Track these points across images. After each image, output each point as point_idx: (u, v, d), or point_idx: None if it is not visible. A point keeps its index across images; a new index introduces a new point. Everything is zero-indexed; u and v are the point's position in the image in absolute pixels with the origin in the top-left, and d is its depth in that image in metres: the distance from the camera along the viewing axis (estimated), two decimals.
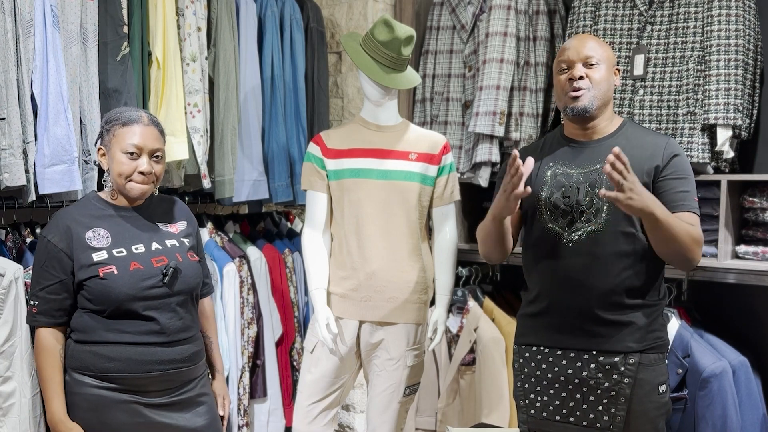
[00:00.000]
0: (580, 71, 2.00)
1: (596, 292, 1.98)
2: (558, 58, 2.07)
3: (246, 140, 2.98)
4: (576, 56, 2.01)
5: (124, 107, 2.07)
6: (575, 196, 2.01)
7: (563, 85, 2.04)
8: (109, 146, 1.98)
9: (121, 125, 1.97)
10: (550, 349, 2.07)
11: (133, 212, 2.04)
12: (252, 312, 2.93)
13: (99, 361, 1.92)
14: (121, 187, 1.99)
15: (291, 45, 3.14)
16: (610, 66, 2.04)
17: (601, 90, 2.00)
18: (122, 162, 1.95)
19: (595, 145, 2.05)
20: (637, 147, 2.00)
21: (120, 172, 1.96)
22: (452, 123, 3.17)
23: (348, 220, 2.47)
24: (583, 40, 2.04)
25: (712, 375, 2.34)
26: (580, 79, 1.99)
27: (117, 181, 1.98)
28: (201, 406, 2.06)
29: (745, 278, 2.49)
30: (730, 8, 2.51)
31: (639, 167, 1.96)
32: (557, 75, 2.06)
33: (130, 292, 1.92)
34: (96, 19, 2.43)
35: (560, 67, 2.05)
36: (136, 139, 1.96)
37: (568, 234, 2.01)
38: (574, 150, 2.07)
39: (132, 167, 1.96)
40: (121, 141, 1.96)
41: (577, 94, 1.99)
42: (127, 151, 1.95)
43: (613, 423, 1.98)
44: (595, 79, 2.00)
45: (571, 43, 2.06)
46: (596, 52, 2.01)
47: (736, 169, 2.70)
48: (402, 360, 2.47)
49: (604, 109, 2.04)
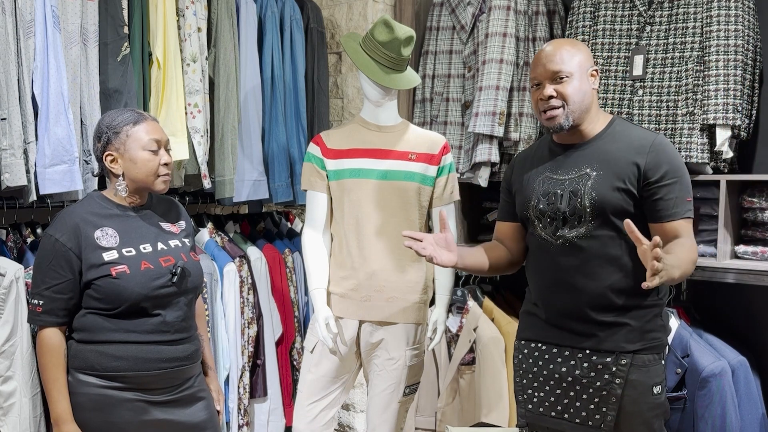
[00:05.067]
0: (549, 90, 1.96)
1: (586, 296, 1.98)
2: (530, 73, 2.05)
3: (246, 140, 2.98)
4: (543, 74, 1.98)
5: (116, 111, 2.03)
6: (558, 204, 2.01)
7: (536, 103, 2.03)
8: (124, 149, 1.96)
9: (133, 124, 1.97)
10: (547, 345, 2.09)
11: (137, 212, 2.05)
12: (252, 312, 2.93)
13: (105, 360, 1.92)
14: (150, 185, 2.00)
15: (291, 45, 3.14)
16: (583, 72, 1.98)
17: (575, 103, 1.97)
18: (148, 159, 1.97)
19: (582, 148, 2.04)
20: (624, 147, 1.98)
21: (148, 170, 1.97)
22: (452, 123, 3.18)
23: (348, 220, 2.47)
24: (552, 53, 1.99)
25: (711, 375, 2.34)
26: (550, 98, 1.97)
27: (146, 180, 1.98)
28: (200, 402, 2.09)
29: (744, 278, 2.49)
30: (729, 9, 2.51)
31: (624, 164, 1.95)
32: (532, 91, 2.05)
33: (142, 291, 1.93)
34: (96, 20, 2.43)
35: (533, 83, 2.03)
36: (153, 133, 1.99)
37: (555, 240, 2.03)
38: (562, 155, 2.07)
39: (157, 162, 1.98)
40: (140, 139, 1.96)
41: (550, 114, 1.98)
42: (149, 147, 1.97)
43: (604, 422, 1.99)
44: (567, 93, 1.96)
45: (539, 57, 2.01)
46: (564, 64, 1.96)
47: (735, 169, 2.70)
48: (402, 360, 2.47)
49: (585, 116, 2.01)
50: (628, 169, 1.95)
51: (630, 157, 1.95)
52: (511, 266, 2.24)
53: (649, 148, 1.94)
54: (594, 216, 1.96)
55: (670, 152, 1.96)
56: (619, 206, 1.95)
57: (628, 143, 1.98)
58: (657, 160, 1.93)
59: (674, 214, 1.93)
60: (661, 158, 1.93)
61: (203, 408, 2.09)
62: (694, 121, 2.57)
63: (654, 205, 1.94)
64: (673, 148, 1.99)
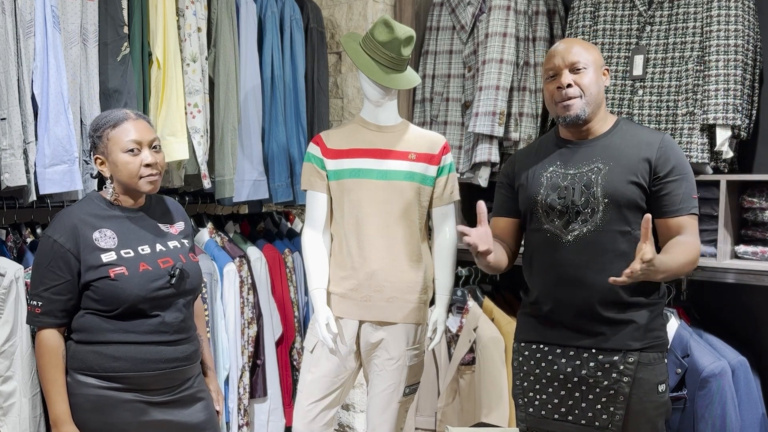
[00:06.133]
0: (568, 78, 1.99)
1: (596, 291, 1.98)
2: (544, 65, 2.07)
3: (246, 140, 2.98)
4: (562, 63, 2.00)
5: (104, 113, 2.02)
6: (570, 197, 2.01)
7: (552, 94, 2.03)
8: (107, 152, 1.96)
9: (112, 127, 1.95)
10: (549, 346, 2.07)
11: (135, 213, 2.05)
12: (252, 312, 2.93)
13: (104, 361, 1.92)
14: (134, 186, 1.98)
15: (291, 45, 3.14)
16: (598, 68, 2.03)
17: (591, 95, 2.00)
18: (127, 161, 1.95)
19: (589, 144, 2.06)
20: (632, 144, 2.01)
21: (129, 173, 1.95)
22: (452, 123, 3.18)
23: (348, 220, 2.47)
24: (568, 46, 2.03)
25: (711, 375, 2.34)
26: (568, 87, 1.99)
27: (129, 182, 1.97)
28: (199, 402, 2.09)
29: (744, 278, 2.49)
30: (729, 8, 2.51)
31: (635, 160, 1.97)
32: (545, 83, 2.06)
33: (140, 293, 1.92)
34: (96, 20, 2.43)
35: (547, 74, 2.05)
36: (132, 134, 1.95)
37: (565, 234, 2.02)
38: (569, 151, 2.08)
39: (138, 163, 1.95)
40: (118, 142, 1.94)
41: (567, 103, 1.99)
42: (127, 149, 1.94)
43: (612, 422, 1.98)
44: (584, 84, 1.99)
45: (556, 49, 2.05)
46: (582, 56, 2.00)
47: (735, 169, 2.70)
48: (402, 360, 2.47)
49: (597, 112, 2.04)
50: (639, 165, 1.97)
51: (640, 153, 1.98)
52: (510, 264, 2.22)
53: (658, 144, 1.98)
54: (607, 209, 1.97)
55: (678, 150, 2.01)
56: (633, 199, 1.97)
57: (637, 140, 2.01)
58: (666, 156, 1.97)
59: (680, 209, 1.96)
60: (669, 155, 1.97)
61: (202, 408, 2.09)
62: (694, 121, 2.57)
63: (661, 200, 1.96)
64: (679, 147, 2.03)
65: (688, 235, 1.96)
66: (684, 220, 1.95)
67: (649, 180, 1.97)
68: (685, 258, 1.91)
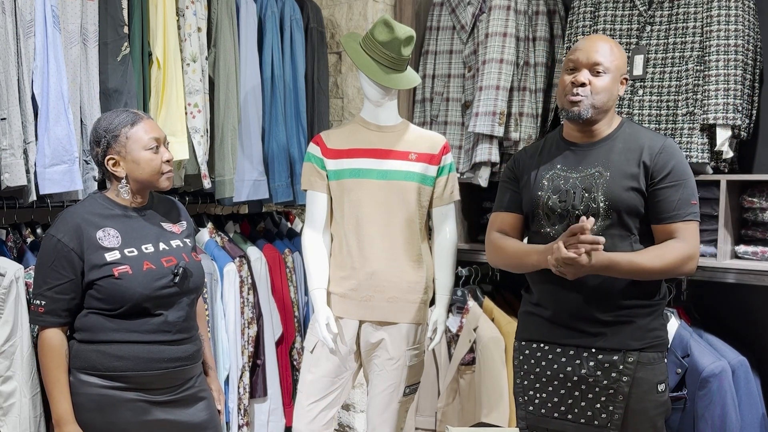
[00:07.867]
0: (585, 77, 1.98)
1: (595, 295, 1.99)
2: (568, 55, 2.06)
3: (246, 140, 2.98)
4: (585, 60, 2.00)
5: (110, 113, 2.02)
6: (571, 201, 2.01)
7: (565, 86, 2.03)
8: (125, 151, 1.96)
9: (130, 126, 1.97)
10: (549, 345, 2.08)
11: (139, 212, 2.05)
12: (252, 312, 2.93)
13: (107, 360, 1.92)
14: (155, 183, 2.00)
15: (291, 45, 3.14)
16: (618, 75, 2.02)
17: (600, 99, 1.99)
18: (151, 158, 1.97)
19: (592, 148, 2.05)
20: (634, 148, 2.01)
21: (152, 169, 1.98)
22: (452, 123, 3.18)
23: (348, 220, 2.47)
24: (596, 44, 2.01)
25: (711, 375, 2.34)
26: (581, 86, 1.99)
27: (150, 179, 1.99)
28: (201, 402, 2.09)
29: (745, 278, 2.49)
30: (729, 8, 2.51)
31: (635, 165, 1.97)
32: (564, 72, 2.05)
33: (144, 292, 1.93)
34: (96, 20, 2.43)
35: (568, 65, 2.04)
36: (152, 132, 1.99)
37: None
38: (572, 153, 2.08)
39: (159, 160, 1.99)
40: (139, 140, 1.96)
41: (575, 99, 1.99)
42: (150, 146, 1.97)
43: (611, 421, 1.98)
44: (597, 87, 1.98)
45: (584, 44, 2.03)
46: (606, 58, 1.99)
47: (735, 169, 2.70)
48: (402, 360, 2.47)
49: (603, 115, 2.04)
50: (638, 170, 1.97)
51: (640, 158, 1.98)
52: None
53: (658, 150, 1.98)
54: (608, 214, 1.97)
55: (678, 156, 2.00)
56: (633, 205, 1.97)
57: (638, 145, 2.01)
58: (663, 162, 1.96)
59: (674, 216, 1.95)
60: (667, 161, 1.97)
61: (204, 408, 2.09)
62: (694, 121, 2.57)
63: (656, 206, 1.96)
64: (681, 152, 2.02)
65: (678, 240, 1.95)
66: (677, 227, 1.95)
67: (646, 185, 1.97)
68: (658, 256, 1.91)
